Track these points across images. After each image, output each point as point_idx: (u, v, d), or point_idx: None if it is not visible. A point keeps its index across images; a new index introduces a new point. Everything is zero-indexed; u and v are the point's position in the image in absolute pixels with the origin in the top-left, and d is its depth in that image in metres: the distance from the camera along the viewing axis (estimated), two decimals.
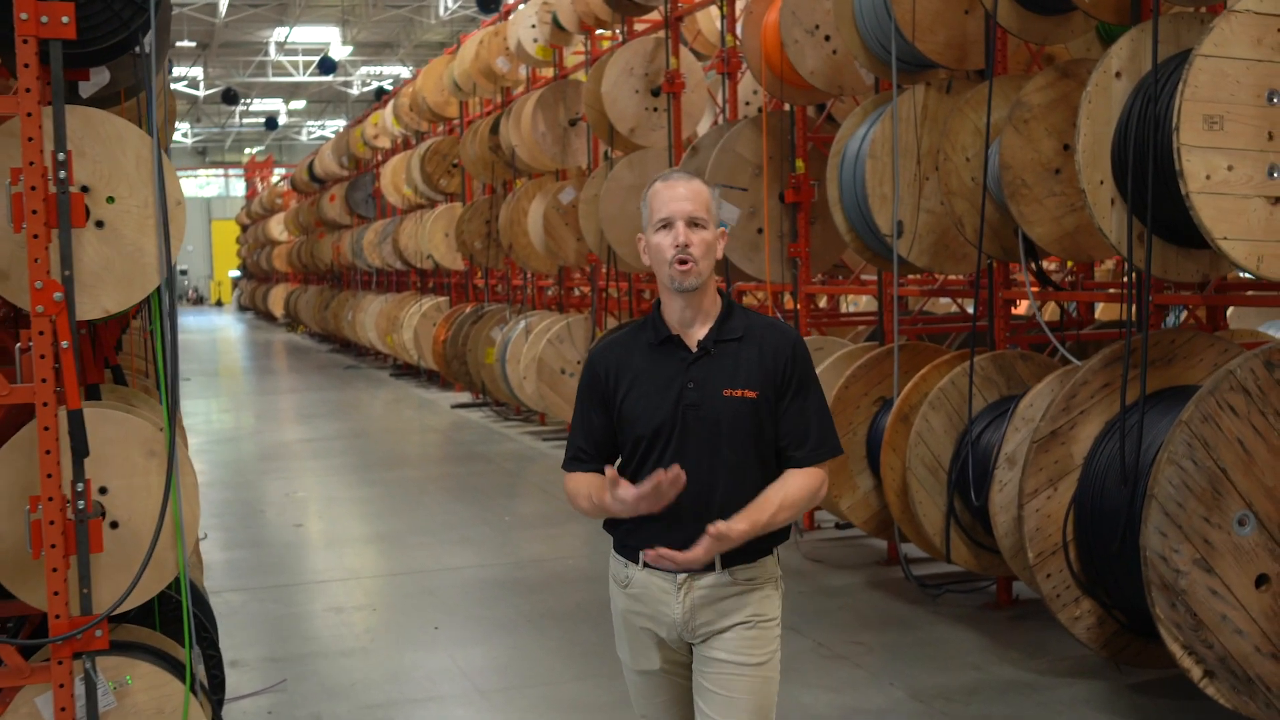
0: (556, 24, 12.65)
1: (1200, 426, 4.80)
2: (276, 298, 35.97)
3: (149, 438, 3.60)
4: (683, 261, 3.11)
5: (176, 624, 4.06)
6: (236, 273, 52.07)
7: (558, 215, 12.81)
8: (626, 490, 3.00)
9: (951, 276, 8.47)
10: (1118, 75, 5.32)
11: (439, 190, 18.26)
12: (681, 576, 3.16)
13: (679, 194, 3.13)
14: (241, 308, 48.34)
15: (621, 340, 3.28)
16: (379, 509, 10.11)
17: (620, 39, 11.68)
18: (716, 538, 3.01)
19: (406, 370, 21.09)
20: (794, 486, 3.15)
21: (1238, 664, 4.87)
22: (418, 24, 35.09)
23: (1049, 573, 5.53)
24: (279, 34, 35.87)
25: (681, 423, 3.13)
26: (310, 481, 11.36)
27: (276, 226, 35.24)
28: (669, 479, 2.98)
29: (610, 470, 3.08)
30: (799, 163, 8.71)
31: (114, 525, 3.57)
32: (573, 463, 3.27)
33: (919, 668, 5.86)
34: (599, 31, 12.77)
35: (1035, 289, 6.36)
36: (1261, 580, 4.89)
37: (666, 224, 3.13)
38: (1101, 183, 5.31)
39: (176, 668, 3.72)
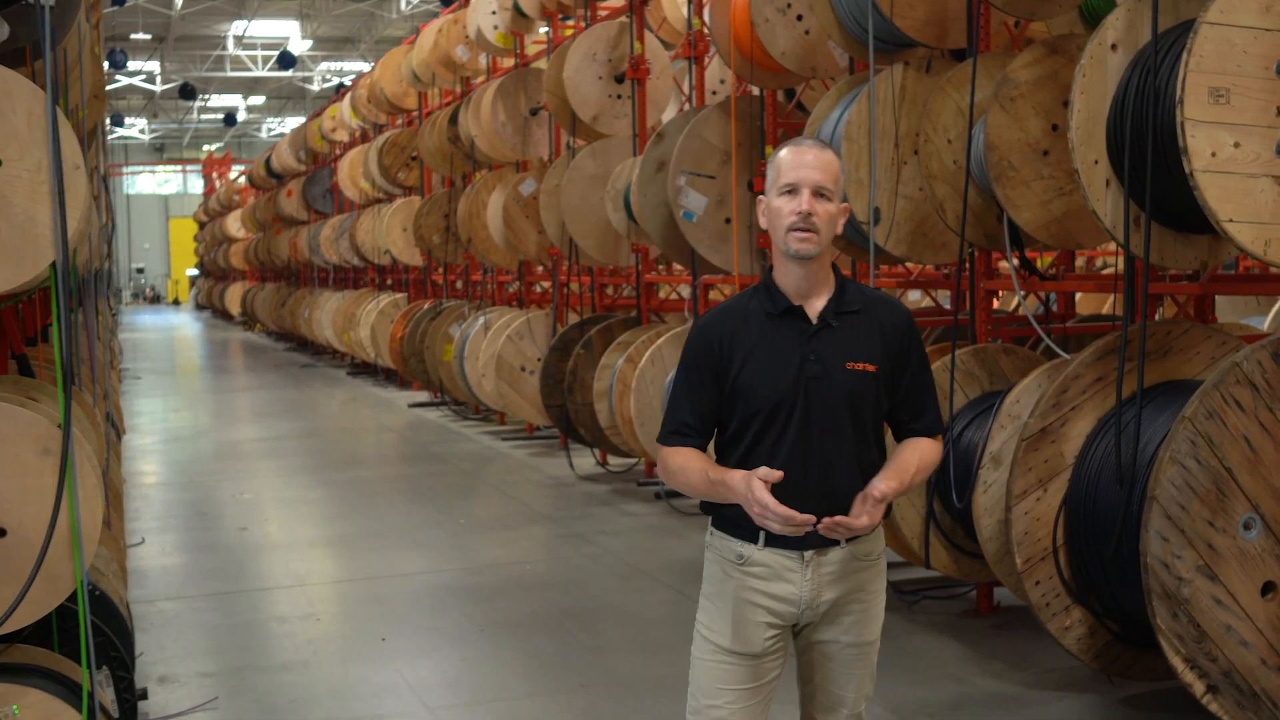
0: (518, 10, 12.25)
1: (1205, 423, 4.45)
2: (233, 296, 35.46)
3: (42, 434, 3.17)
4: (803, 229, 3.04)
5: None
6: (194, 271, 51.39)
7: (518, 208, 12.42)
8: (776, 505, 2.90)
9: (929, 267, 8.13)
10: (1113, 47, 4.97)
11: (397, 184, 17.83)
12: (809, 553, 3.11)
13: (808, 160, 3.07)
14: (199, 306, 47.76)
15: (734, 309, 3.19)
16: (329, 511, 9.68)
17: (584, 26, 11.28)
18: (880, 499, 3.00)
19: (364, 369, 20.65)
20: (926, 451, 3.19)
21: (1242, 678, 4.52)
22: (379, 18, 34.57)
23: (1038, 580, 5.17)
24: (237, 27, 35.26)
25: (804, 396, 3.08)
26: (260, 483, 10.91)
27: (234, 223, 34.69)
28: (810, 522, 2.93)
29: (770, 472, 2.96)
30: (769, 149, 8.34)
31: (1, 533, 3.14)
32: (674, 437, 3.17)
33: (898, 680, 5.49)
34: (562, 19, 12.38)
35: (1021, 278, 6.01)
36: (1268, 588, 4.55)
37: (792, 189, 3.06)
38: (1096, 162, 4.95)
39: (75, 693, 3.29)
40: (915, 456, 3.15)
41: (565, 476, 10.70)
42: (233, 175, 43.86)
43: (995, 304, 7.92)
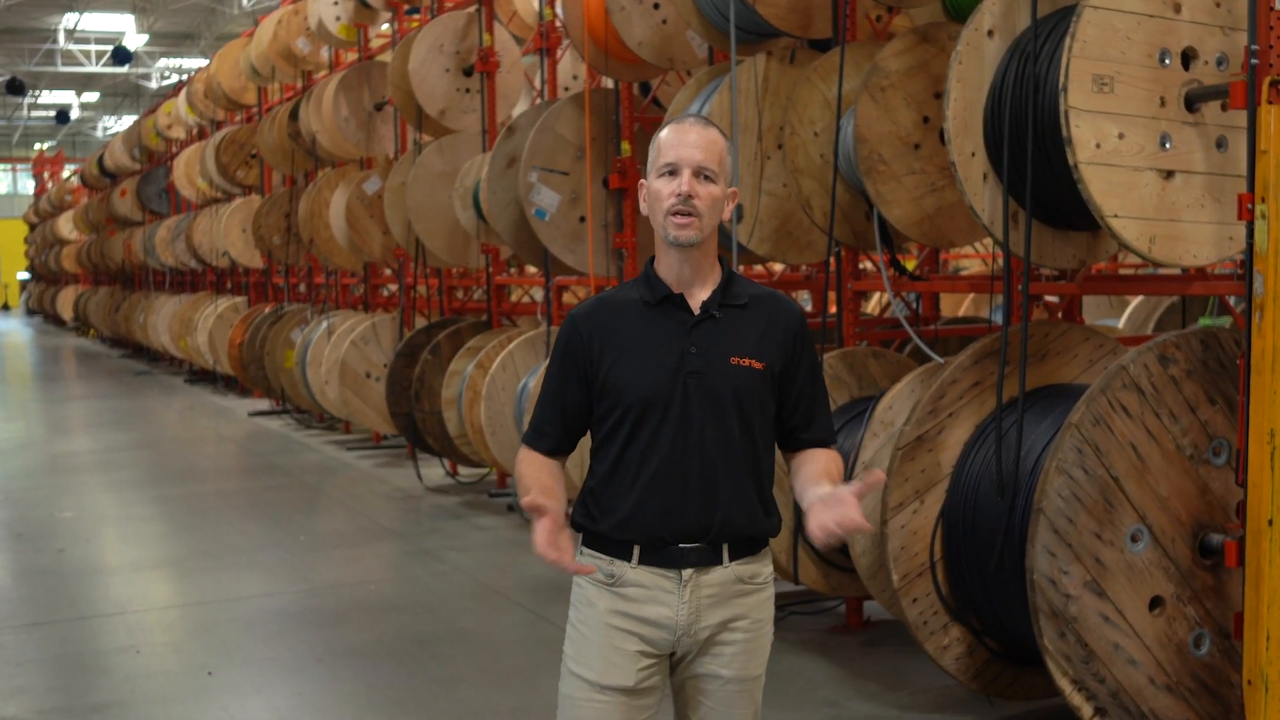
0: (361, 0, 11.72)
1: (1091, 430, 4.20)
2: (65, 300, 34.07)
3: None
4: (683, 213, 2.76)
5: None
6: (25, 274, 49.33)
7: (362, 207, 11.87)
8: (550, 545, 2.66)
9: (788, 269, 7.85)
10: (990, 34, 4.71)
11: (236, 182, 17.06)
12: (687, 573, 2.81)
13: (690, 140, 2.79)
14: (30, 311, 45.86)
15: (610, 298, 2.92)
16: (159, 530, 9.03)
17: (430, 19, 10.79)
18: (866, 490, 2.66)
19: (202, 376, 19.76)
20: (830, 460, 2.90)
21: (1130, 699, 4.28)
22: (220, 14, 33.40)
23: (915, 597, 4.88)
24: (68, 20, 33.77)
25: (683, 392, 2.79)
26: (85, 499, 10.17)
27: (66, 225, 33.30)
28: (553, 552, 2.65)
29: (547, 515, 2.68)
30: (625, 145, 7.98)
31: None
32: (532, 436, 2.92)
33: (769, 703, 5.08)
34: (407, 10, 11.88)
35: (891, 279, 5.73)
36: (1155, 603, 4.33)
37: (671, 170, 2.79)
38: (974, 155, 4.69)
39: None
40: (835, 469, 2.88)
41: (413, 488, 10.20)
42: (65, 175, 42.19)
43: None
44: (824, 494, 2.71)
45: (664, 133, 2.83)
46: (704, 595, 2.83)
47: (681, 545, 2.80)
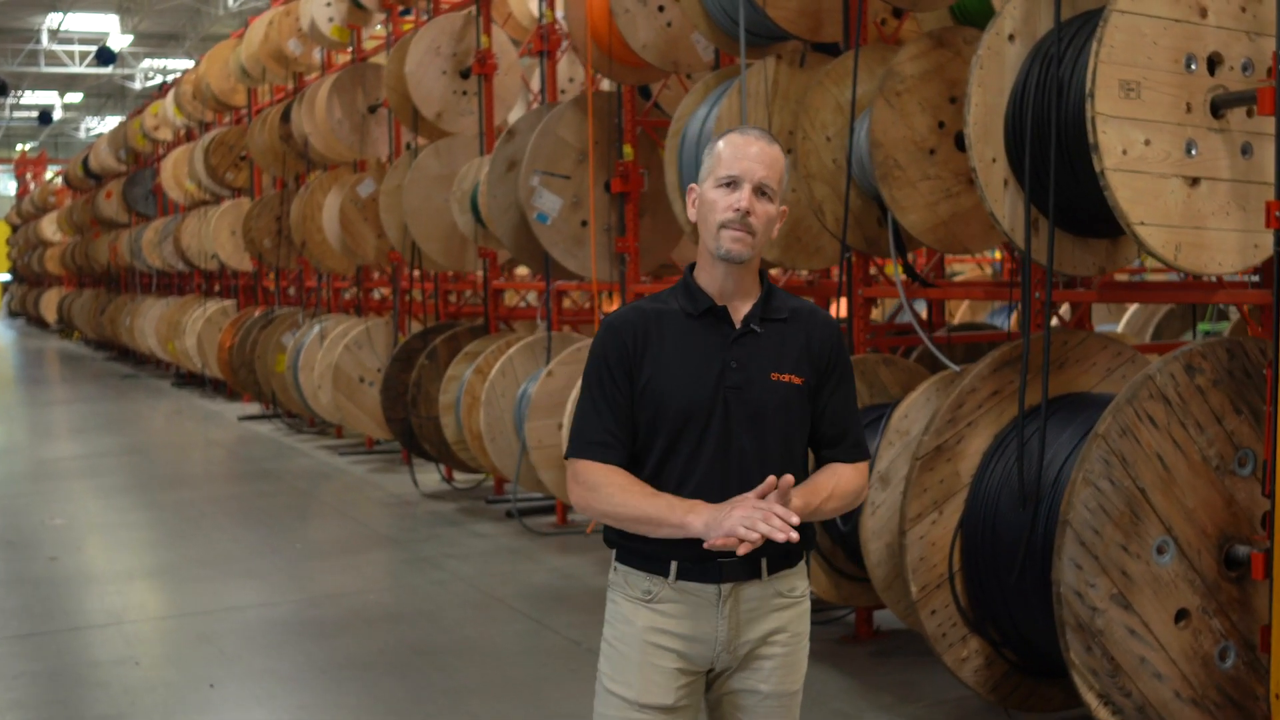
0: (354, 1, 11.62)
1: (1118, 440, 4.13)
2: (49, 302, 33.82)
3: None
4: (740, 229, 2.70)
5: None
6: (7, 276, 49.00)
7: (355, 210, 11.77)
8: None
9: (793, 275, 7.78)
10: (1011, 38, 4.64)
11: (225, 185, 16.92)
12: (726, 587, 2.76)
13: (753, 153, 2.72)
14: (12, 314, 45.52)
15: (648, 307, 2.84)
16: (152, 537, 8.91)
17: (424, 20, 10.69)
18: (783, 495, 2.60)
19: (190, 380, 19.59)
20: (845, 478, 2.84)
21: (1156, 712, 4.22)
22: (205, 14, 33.18)
23: (934, 609, 4.81)
24: (52, 20, 33.52)
25: (723, 407, 2.74)
26: (75, 506, 10.03)
27: (49, 226, 33.07)
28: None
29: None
30: (627, 149, 7.90)
31: None
32: (597, 448, 2.77)
33: None
34: (401, 12, 11.78)
35: (905, 285, 5.66)
36: (1181, 615, 4.26)
37: (731, 182, 2.72)
38: (994, 160, 4.62)
39: None
40: (831, 482, 2.82)
41: (409, 494, 10.09)
42: (48, 176, 41.91)
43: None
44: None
45: (724, 142, 2.76)
46: (743, 609, 2.79)
47: (720, 560, 2.74)
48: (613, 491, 2.71)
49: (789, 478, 2.61)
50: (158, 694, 5.55)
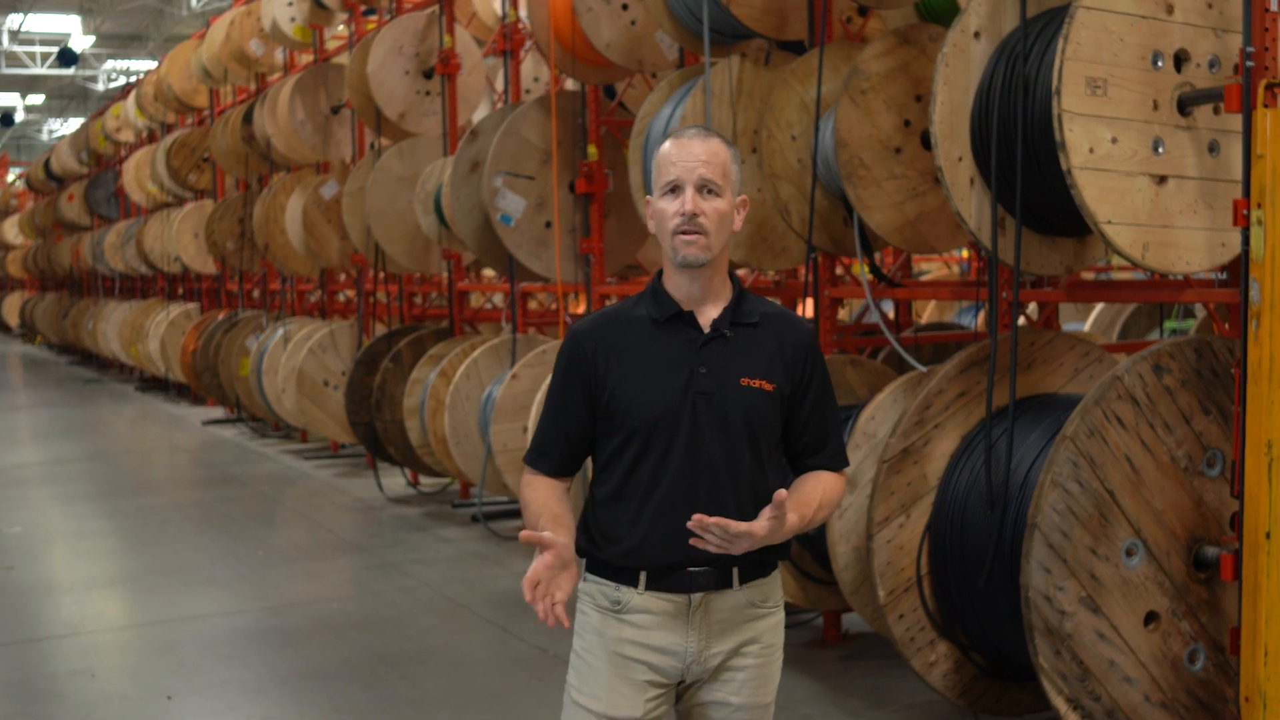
0: (316, 1, 11.50)
1: (1086, 442, 4.09)
2: (11, 306, 33.58)
3: None
4: (690, 231, 2.64)
5: None
6: None
7: (319, 212, 11.66)
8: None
9: (758, 275, 7.72)
10: (976, 35, 4.59)
11: (187, 187, 16.75)
12: (697, 597, 2.70)
13: (692, 153, 2.67)
14: None
15: (614, 314, 2.80)
16: (112, 545, 8.78)
17: (388, 19, 10.59)
18: (777, 516, 2.54)
19: (154, 384, 19.42)
20: (830, 485, 2.79)
21: (1126, 716, 4.17)
22: (168, 15, 32.90)
23: (902, 613, 4.76)
24: (12, 21, 33.17)
25: (691, 414, 2.67)
26: (34, 513, 9.88)
27: (11, 229, 32.79)
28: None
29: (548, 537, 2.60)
30: (591, 149, 7.83)
31: None
32: (535, 456, 2.81)
33: None
34: (364, 12, 11.67)
35: (872, 285, 5.61)
36: (1150, 618, 4.22)
37: (674, 188, 2.68)
38: (960, 159, 4.57)
39: None
40: (818, 492, 2.77)
41: (374, 499, 9.99)
42: (10, 178, 41.48)
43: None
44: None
45: (664, 148, 2.72)
46: (714, 620, 2.73)
47: (690, 569, 2.69)
48: (528, 501, 2.76)
49: (782, 492, 2.56)
50: (114, 707, 5.44)
